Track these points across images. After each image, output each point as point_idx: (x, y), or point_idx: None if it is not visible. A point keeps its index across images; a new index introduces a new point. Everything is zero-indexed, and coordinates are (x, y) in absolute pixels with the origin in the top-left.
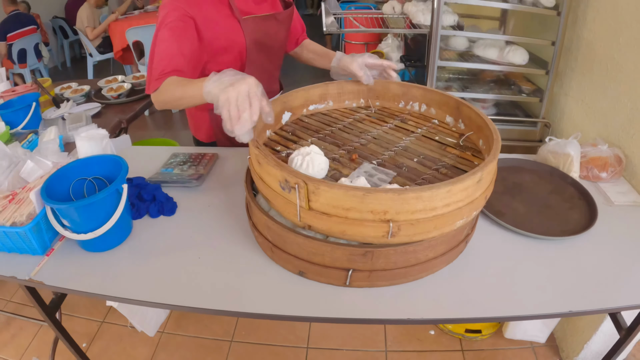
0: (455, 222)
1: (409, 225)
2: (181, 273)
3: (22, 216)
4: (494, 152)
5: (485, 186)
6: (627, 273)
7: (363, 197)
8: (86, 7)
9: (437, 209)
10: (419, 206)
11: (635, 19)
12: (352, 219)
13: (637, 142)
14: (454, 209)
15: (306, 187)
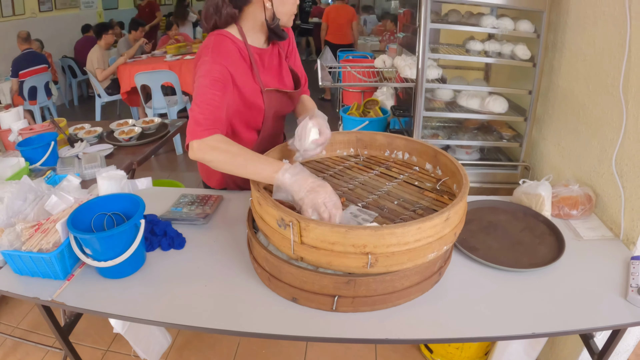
0: (426, 255)
1: (385, 257)
2: (189, 298)
3: (48, 244)
4: (462, 195)
5: (454, 224)
6: (591, 300)
7: (345, 233)
8: (97, 50)
9: (409, 243)
10: (393, 241)
11: (602, 68)
12: (337, 252)
13: (607, 181)
14: (424, 244)
15: (299, 225)
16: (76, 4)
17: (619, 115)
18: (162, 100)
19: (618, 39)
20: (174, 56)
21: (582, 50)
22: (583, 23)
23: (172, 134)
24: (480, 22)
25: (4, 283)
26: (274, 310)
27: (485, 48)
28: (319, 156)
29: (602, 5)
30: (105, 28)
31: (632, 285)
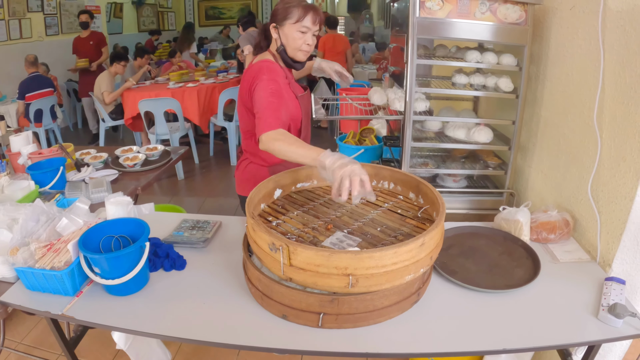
0: (404, 277)
1: (364, 278)
2: (189, 314)
3: (60, 262)
4: (437, 222)
5: (430, 249)
6: (565, 318)
7: (329, 256)
8: (106, 75)
9: (387, 266)
10: (372, 264)
11: (579, 99)
12: (321, 273)
13: (584, 206)
14: (401, 267)
15: (288, 249)
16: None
17: (594, 144)
18: (164, 126)
19: (593, 71)
20: (176, 83)
21: (561, 81)
22: (562, 56)
23: (174, 160)
24: (465, 56)
25: (17, 298)
26: (266, 326)
27: (470, 81)
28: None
29: (579, 39)
30: (119, 58)
31: (603, 305)
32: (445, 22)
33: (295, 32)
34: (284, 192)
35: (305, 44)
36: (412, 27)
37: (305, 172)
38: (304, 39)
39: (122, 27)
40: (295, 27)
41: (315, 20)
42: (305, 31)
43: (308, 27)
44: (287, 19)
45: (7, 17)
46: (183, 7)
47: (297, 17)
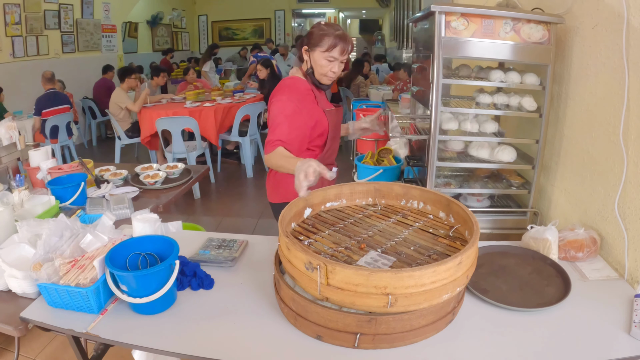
0: (442, 296)
1: (404, 298)
2: (218, 334)
3: (85, 279)
4: (473, 241)
5: (466, 267)
6: (596, 335)
7: (368, 275)
8: (120, 92)
9: (426, 285)
10: (411, 282)
11: (603, 117)
12: (360, 292)
13: (611, 224)
14: (439, 285)
15: (326, 268)
16: (98, 47)
17: (620, 162)
18: (181, 145)
19: (617, 88)
20: (193, 102)
21: (585, 100)
22: (585, 74)
23: (195, 179)
24: (489, 76)
25: (38, 314)
26: (300, 346)
27: (494, 100)
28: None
29: (602, 57)
30: (129, 72)
31: (635, 321)
32: (470, 41)
33: (323, 60)
34: (313, 212)
35: (330, 71)
36: (437, 46)
37: (334, 192)
38: (330, 67)
39: (137, 47)
40: (323, 55)
41: (344, 50)
42: (332, 60)
43: (335, 57)
44: (319, 46)
45: (24, 33)
46: (197, 28)
47: (327, 47)
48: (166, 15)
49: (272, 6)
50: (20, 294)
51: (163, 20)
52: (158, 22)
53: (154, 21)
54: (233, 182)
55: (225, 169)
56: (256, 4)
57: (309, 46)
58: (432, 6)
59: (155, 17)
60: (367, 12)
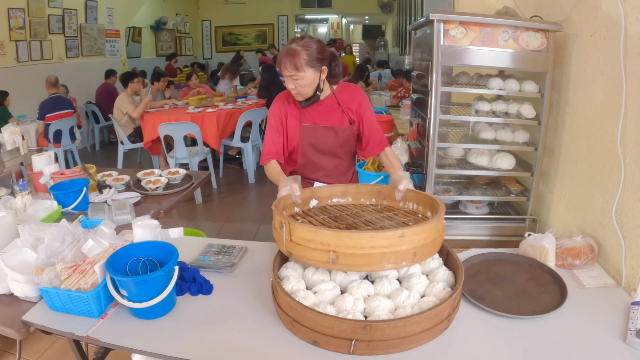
0: (383, 264)
1: (344, 256)
2: (216, 339)
3: (86, 284)
4: (428, 222)
5: (412, 244)
6: (592, 343)
7: (316, 232)
8: (124, 97)
9: (365, 248)
10: (350, 243)
11: (601, 124)
12: (310, 248)
13: (608, 231)
14: (378, 252)
15: (289, 226)
16: (101, 52)
17: (617, 169)
18: (184, 150)
19: (615, 96)
20: (195, 108)
21: (583, 107)
22: (583, 82)
23: (196, 185)
24: (488, 83)
25: (40, 318)
26: (296, 352)
27: (492, 108)
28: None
29: (600, 65)
30: (131, 77)
31: (631, 329)
32: (468, 49)
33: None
34: (319, 203)
35: (290, 89)
36: (436, 54)
37: (340, 189)
38: (288, 84)
39: (141, 52)
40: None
41: (286, 67)
42: (287, 78)
43: (286, 75)
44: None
45: (28, 38)
46: (200, 33)
47: (279, 67)
48: (170, 20)
49: (275, 12)
50: (22, 298)
51: (166, 25)
52: (161, 27)
53: (158, 26)
54: (235, 187)
55: (227, 175)
56: (259, 10)
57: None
58: (430, 14)
59: (158, 22)
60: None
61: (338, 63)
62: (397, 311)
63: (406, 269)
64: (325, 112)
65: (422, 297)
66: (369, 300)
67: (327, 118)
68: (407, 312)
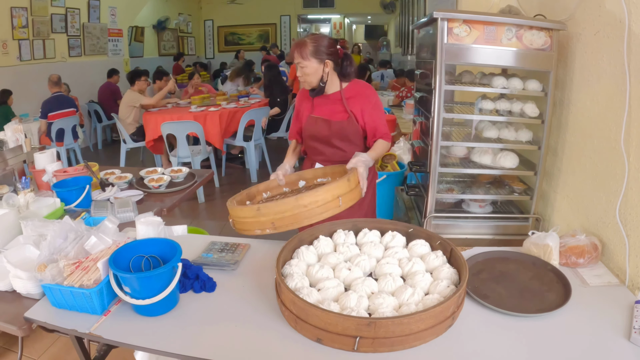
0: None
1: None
2: (220, 337)
3: (89, 280)
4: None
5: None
6: (596, 341)
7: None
8: (131, 92)
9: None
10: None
11: (605, 123)
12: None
13: (612, 230)
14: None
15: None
16: (104, 51)
17: (621, 168)
18: (186, 149)
19: (619, 95)
20: (198, 107)
21: (587, 106)
22: (587, 81)
23: (199, 183)
24: (491, 82)
25: (42, 315)
26: (300, 349)
27: (496, 107)
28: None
29: (603, 63)
30: (138, 75)
31: (635, 327)
32: (472, 48)
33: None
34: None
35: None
36: (440, 53)
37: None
38: (297, 72)
39: (143, 51)
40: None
41: (293, 55)
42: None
43: (297, 63)
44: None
45: (31, 37)
46: (203, 33)
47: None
48: (172, 20)
49: (277, 11)
50: (24, 295)
51: (169, 25)
52: (164, 26)
53: (160, 26)
54: (237, 186)
55: (229, 174)
56: (262, 9)
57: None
58: (434, 12)
59: (161, 22)
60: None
61: (350, 63)
62: (401, 308)
63: (410, 266)
64: (329, 106)
65: (426, 295)
66: (373, 298)
67: (329, 111)
68: (411, 310)
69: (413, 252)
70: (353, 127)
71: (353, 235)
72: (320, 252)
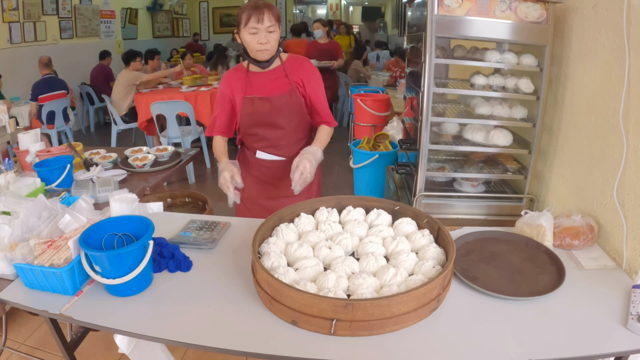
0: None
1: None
2: (193, 318)
3: (60, 259)
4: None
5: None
6: (591, 327)
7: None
8: (127, 72)
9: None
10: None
11: (603, 100)
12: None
13: (609, 211)
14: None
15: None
16: (96, 33)
17: (619, 146)
18: (176, 129)
19: (618, 70)
20: (189, 87)
21: (584, 82)
22: (584, 56)
23: (184, 162)
24: (484, 57)
25: (15, 296)
26: (275, 332)
27: (489, 82)
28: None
29: (602, 38)
30: (133, 55)
31: (632, 313)
32: (464, 20)
33: (247, 36)
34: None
35: (258, 44)
36: (430, 25)
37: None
38: (257, 39)
39: (137, 33)
40: (246, 31)
41: (260, 18)
42: (254, 32)
43: (256, 28)
44: (240, 24)
45: (22, 19)
46: (198, 14)
47: (245, 21)
48: (167, 1)
49: None
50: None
51: (163, 6)
52: (158, 8)
53: (154, 7)
54: None
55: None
56: None
57: (237, 30)
58: None
59: (155, 3)
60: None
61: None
62: (382, 290)
63: (395, 245)
64: (269, 83)
65: (410, 276)
66: (353, 278)
67: (269, 89)
68: (392, 291)
69: (398, 231)
70: (296, 99)
71: (336, 213)
72: (301, 230)
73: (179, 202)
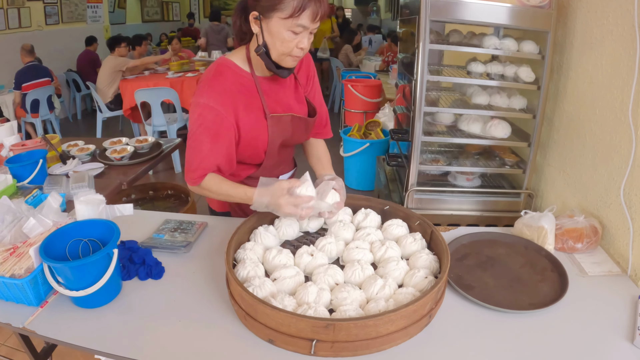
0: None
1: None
2: (162, 334)
3: (21, 269)
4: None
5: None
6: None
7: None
8: (113, 57)
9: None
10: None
11: (610, 91)
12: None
13: (614, 211)
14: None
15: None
16: (83, 18)
17: (628, 142)
18: (161, 117)
19: (627, 60)
20: (175, 73)
21: (589, 72)
22: (590, 44)
23: (165, 153)
24: (482, 42)
25: None
26: (250, 351)
27: (487, 70)
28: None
29: (610, 25)
30: (118, 41)
31: (639, 328)
32: (460, 2)
33: (285, 32)
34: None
35: (297, 48)
36: (424, 7)
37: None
38: (297, 41)
39: (125, 17)
40: (286, 24)
41: (317, 16)
42: (299, 31)
43: (305, 26)
44: (277, 10)
45: (5, 5)
46: None
47: (291, 11)
48: None
49: None
50: None
51: None
52: None
53: None
54: None
55: None
56: None
57: (261, 12)
58: None
59: None
60: None
61: None
62: (368, 305)
63: (383, 251)
64: (283, 91)
65: (400, 287)
66: (336, 291)
67: (290, 103)
68: (380, 306)
69: (388, 234)
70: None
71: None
72: (282, 234)
73: (161, 194)
